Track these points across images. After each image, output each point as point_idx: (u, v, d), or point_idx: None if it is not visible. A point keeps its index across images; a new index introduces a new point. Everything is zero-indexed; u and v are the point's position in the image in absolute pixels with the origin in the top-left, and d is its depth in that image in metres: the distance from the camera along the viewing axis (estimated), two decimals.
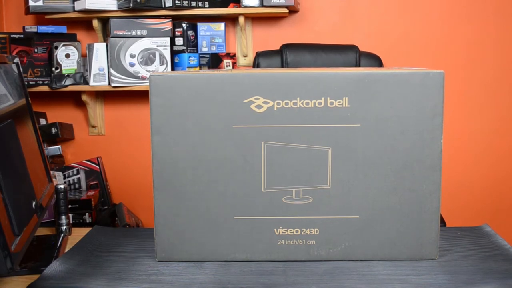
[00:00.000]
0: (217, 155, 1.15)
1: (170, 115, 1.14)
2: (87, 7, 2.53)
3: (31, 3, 2.56)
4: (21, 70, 1.36)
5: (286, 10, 2.60)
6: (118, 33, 2.58)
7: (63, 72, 2.67)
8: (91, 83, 2.63)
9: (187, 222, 1.17)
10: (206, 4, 2.63)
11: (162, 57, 2.61)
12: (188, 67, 2.65)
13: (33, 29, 2.65)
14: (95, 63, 2.61)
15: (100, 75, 2.62)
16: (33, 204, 1.19)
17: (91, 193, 2.63)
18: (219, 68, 2.73)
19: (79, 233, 1.40)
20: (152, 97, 1.13)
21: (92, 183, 2.76)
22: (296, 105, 1.13)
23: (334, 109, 1.14)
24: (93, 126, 2.89)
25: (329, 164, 1.16)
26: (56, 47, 2.65)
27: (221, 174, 1.16)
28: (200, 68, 2.70)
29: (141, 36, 2.59)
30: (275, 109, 1.13)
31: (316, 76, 1.13)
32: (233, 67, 2.74)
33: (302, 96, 1.13)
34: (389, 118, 1.14)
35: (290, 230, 1.18)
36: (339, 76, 1.13)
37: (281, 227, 1.17)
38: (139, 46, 2.59)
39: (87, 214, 2.52)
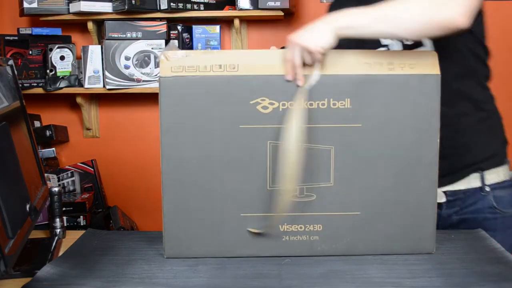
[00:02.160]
0: (224, 154, 1.18)
1: (179, 116, 1.17)
2: (82, 9, 2.53)
3: (25, 5, 2.55)
4: (16, 72, 1.35)
5: (281, 13, 2.60)
6: (113, 35, 2.58)
7: (58, 74, 2.66)
8: (86, 85, 2.62)
9: (195, 220, 1.20)
10: (201, 7, 2.63)
11: (157, 59, 2.61)
12: None
13: (28, 31, 2.64)
14: (90, 66, 2.61)
15: (95, 77, 2.62)
16: (27, 206, 1.19)
17: (86, 195, 2.62)
18: None
19: (73, 236, 1.39)
20: (161, 98, 1.17)
21: (86, 185, 2.76)
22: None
23: (336, 110, 1.17)
24: (87, 129, 2.88)
25: (332, 162, 1.19)
26: (51, 49, 2.64)
27: (228, 172, 1.18)
28: None
29: (136, 39, 2.59)
30: (281, 110, 1.16)
31: (319, 78, 1.16)
32: None
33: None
34: (388, 118, 1.18)
35: (294, 227, 1.21)
36: (341, 79, 1.17)
37: (285, 224, 1.20)
38: (134, 48, 2.59)
39: (81, 217, 2.51)
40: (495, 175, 1.37)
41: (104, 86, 2.62)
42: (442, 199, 1.36)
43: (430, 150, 1.19)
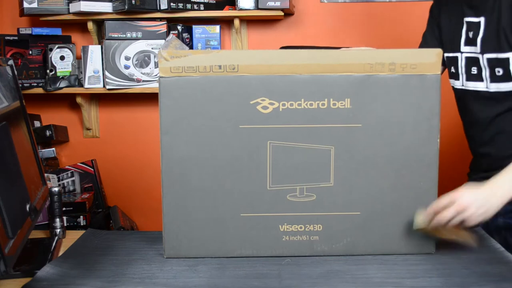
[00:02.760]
0: (224, 154, 1.18)
1: (179, 116, 1.17)
2: (82, 9, 2.52)
3: (25, 5, 2.55)
4: (16, 72, 1.35)
5: (281, 13, 2.59)
6: (113, 36, 2.58)
7: (58, 74, 2.66)
8: (86, 85, 2.62)
9: (195, 220, 1.20)
10: (201, 7, 2.62)
11: (155, 58, 2.61)
12: None
13: (28, 31, 2.64)
14: (90, 66, 2.60)
15: (95, 77, 2.62)
16: (27, 207, 1.19)
17: (86, 195, 2.62)
18: None
19: (73, 236, 1.40)
20: (161, 98, 1.17)
21: (86, 185, 2.76)
22: (301, 106, 1.17)
23: (336, 110, 1.17)
24: (87, 129, 2.88)
25: (332, 162, 1.19)
26: (51, 49, 2.64)
27: (228, 172, 1.19)
28: None
29: (136, 39, 2.59)
30: (281, 110, 1.17)
31: (319, 79, 1.17)
32: None
33: (306, 98, 1.17)
34: (388, 118, 1.19)
35: (294, 227, 1.21)
36: (341, 79, 1.17)
37: (285, 224, 1.21)
38: (134, 48, 2.58)
39: (81, 217, 2.51)
40: None
41: (104, 86, 2.62)
42: None
43: (430, 150, 1.20)
